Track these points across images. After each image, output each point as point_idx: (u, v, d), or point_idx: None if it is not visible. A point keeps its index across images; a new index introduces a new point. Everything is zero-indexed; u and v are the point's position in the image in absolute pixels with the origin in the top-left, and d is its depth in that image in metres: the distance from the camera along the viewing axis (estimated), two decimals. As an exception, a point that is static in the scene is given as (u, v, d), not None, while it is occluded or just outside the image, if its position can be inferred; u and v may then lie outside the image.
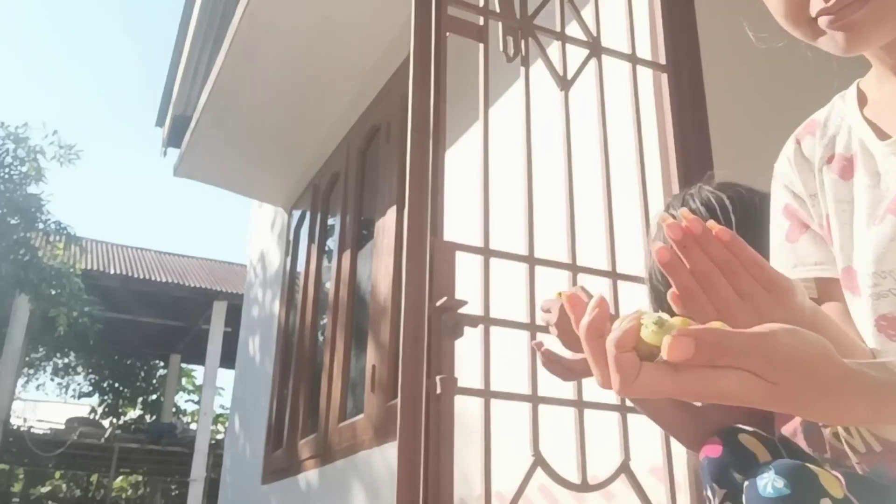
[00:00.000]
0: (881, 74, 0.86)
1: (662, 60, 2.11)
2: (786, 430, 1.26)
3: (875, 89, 0.88)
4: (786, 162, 0.96)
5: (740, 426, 1.26)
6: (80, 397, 15.66)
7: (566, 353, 1.43)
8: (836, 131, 0.90)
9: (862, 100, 0.89)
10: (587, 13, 2.09)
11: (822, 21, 0.77)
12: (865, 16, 0.75)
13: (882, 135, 0.84)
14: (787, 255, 0.92)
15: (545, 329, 1.71)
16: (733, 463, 1.21)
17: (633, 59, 2.06)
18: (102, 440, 11.63)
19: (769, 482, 0.91)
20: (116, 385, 15.30)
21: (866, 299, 0.80)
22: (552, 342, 1.74)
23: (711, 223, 0.66)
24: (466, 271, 1.69)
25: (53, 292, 9.14)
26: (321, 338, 4.51)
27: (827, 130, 0.92)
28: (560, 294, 1.14)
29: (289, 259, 5.19)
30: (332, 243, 4.59)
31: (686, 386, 0.53)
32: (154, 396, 15.40)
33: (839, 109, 0.92)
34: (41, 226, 9.51)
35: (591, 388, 1.70)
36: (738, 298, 0.67)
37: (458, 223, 1.84)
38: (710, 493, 1.23)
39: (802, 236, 0.92)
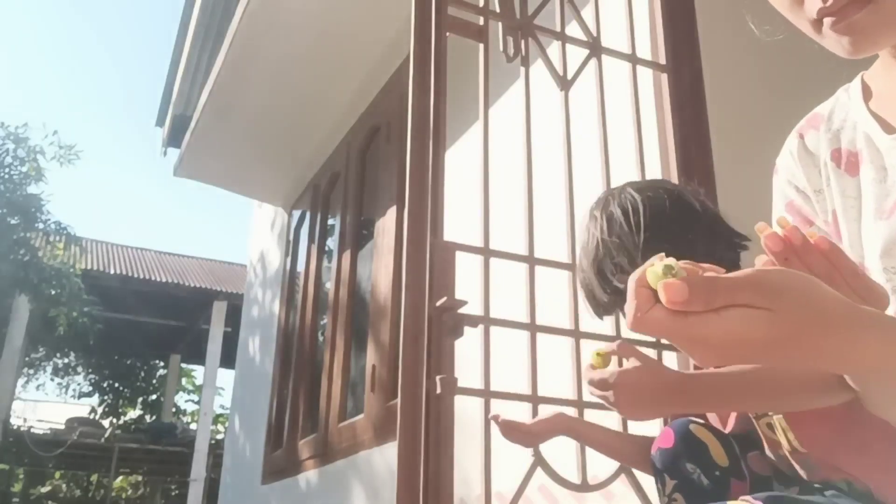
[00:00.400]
0: (887, 66, 0.84)
1: (662, 60, 2.11)
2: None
3: (880, 81, 0.86)
4: (788, 156, 0.94)
5: (692, 417, 1.27)
6: (80, 397, 15.66)
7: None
8: (841, 125, 0.89)
9: (867, 93, 0.87)
10: (587, 13, 2.09)
11: (826, 23, 0.74)
12: (868, 16, 0.72)
13: (888, 128, 0.82)
14: None
15: (545, 329, 1.72)
16: (685, 453, 1.22)
17: (633, 59, 2.06)
18: (102, 440, 11.62)
19: None
20: (116, 385, 15.29)
21: None
22: (551, 346, 1.74)
23: (811, 232, 0.65)
24: (466, 271, 1.69)
25: (53, 292, 9.15)
26: (321, 338, 4.51)
27: (832, 124, 0.90)
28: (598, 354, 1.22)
29: (289, 259, 5.19)
30: (332, 243, 4.59)
31: (691, 328, 0.53)
32: (154, 396, 15.40)
33: (843, 103, 0.90)
34: (41, 226, 9.52)
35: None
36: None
37: (458, 223, 1.84)
38: (660, 484, 1.24)
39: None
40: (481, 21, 1.91)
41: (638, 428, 1.58)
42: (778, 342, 0.54)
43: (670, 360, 1.79)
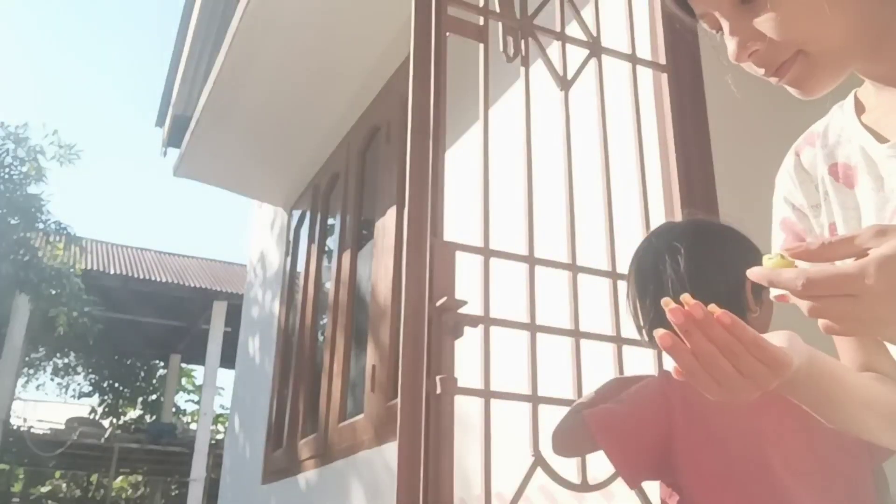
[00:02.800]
0: (875, 85, 0.88)
1: (662, 60, 2.11)
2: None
3: (872, 97, 0.89)
4: (786, 175, 0.97)
5: None
6: (80, 397, 15.66)
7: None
8: (837, 140, 0.92)
9: (860, 108, 0.90)
10: (587, 13, 2.09)
11: (771, 79, 0.82)
12: (801, 71, 0.79)
13: (882, 139, 0.85)
14: None
15: (545, 329, 1.72)
16: None
17: (633, 59, 2.06)
18: (102, 440, 11.63)
19: None
20: (116, 385, 15.29)
21: None
22: (551, 346, 1.74)
23: (713, 307, 0.69)
24: (466, 271, 1.69)
25: (53, 292, 9.15)
26: (321, 338, 4.51)
27: (827, 140, 0.93)
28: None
29: (289, 259, 5.19)
30: (332, 243, 4.59)
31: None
32: (154, 396, 15.40)
33: (838, 119, 0.93)
34: (41, 226, 9.52)
35: (592, 388, 1.70)
36: (739, 375, 0.70)
37: (458, 223, 1.84)
38: None
39: None
40: (481, 21, 1.91)
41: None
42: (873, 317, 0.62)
43: (670, 363, 1.79)
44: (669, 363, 1.84)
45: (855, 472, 1.20)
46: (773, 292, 0.80)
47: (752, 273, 0.68)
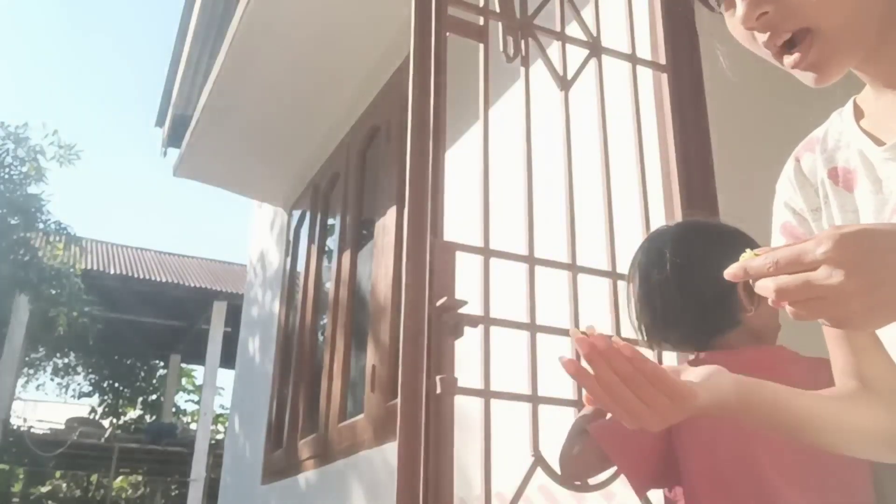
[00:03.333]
0: (874, 89, 0.89)
1: (662, 60, 2.11)
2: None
3: (871, 103, 0.90)
4: (786, 180, 0.98)
5: None
6: (80, 397, 15.65)
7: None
8: (836, 145, 0.93)
9: (858, 114, 0.91)
10: (587, 13, 2.09)
11: (786, 62, 0.81)
12: (819, 53, 0.79)
13: (880, 143, 0.86)
14: None
15: (545, 329, 1.72)
16: None
17: (633, 59, 2.06)
18: (102, 440, 11.63)
19: None
20: (116, 385, 15.29)
21: None
22: (551, 346, 1.74)
23: (616, 339, 0.74)
24: (466, 271, 1.69)
25: (53, 292, 9.15)
26: (321, 338, 4.50)
27: (826, 145, 0.94)
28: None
29: (289, 259, 5.19)
30: (332, 243, 4.59)
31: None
32: (154, 396, 15.40)
33: (837, 125, 0.94)
34: (41, 226, 9.52)
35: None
36: (643, 405, 0.73)
37: (458, 223, 1.83)
38: None
39: None
40: (481, 21, 1.91)
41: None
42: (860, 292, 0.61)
43: (670, 363, 1.79)
44: (669, 363, 1.85)
45: (851, 473, 1.21)
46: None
47: (727, 272, 0.69)
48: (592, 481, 1.64)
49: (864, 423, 0.86)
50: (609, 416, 1.32)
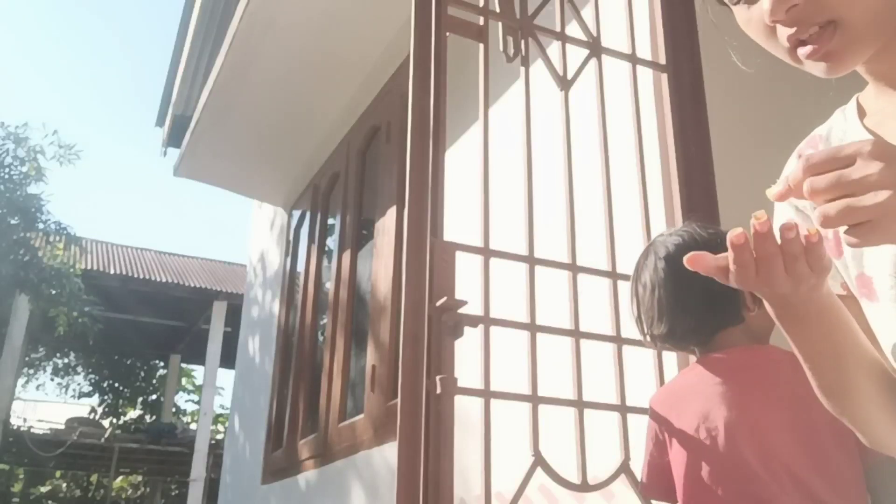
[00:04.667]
0: (877, 88, 0.88)
1: (662, 60, 2.11)
2: None
3: (874, 101, 0.90)
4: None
5: None
6: (80, 397, 15.66)
7: None
8: (839, 143, 0.92)
9: (861, 113, 0.91)
10: (587, 13, 2.09)
11: (800, 52, 0.81)
12: (840, 43, 0.79)
13: None
14: None
15: (545, 329, 1.72)
16: None
17: (633, 59, 2.06)
18: (102, 440, 11.63)
19: None
20: (116, 385, 15.29)
21: (886, 302, 0.81)
22: (551, 346, 1.74)
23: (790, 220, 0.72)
24: (466, 271, 1.69)
25: (53, 292, 9.14)
26: (321, 338, 4.50)
27: (829, 143, 0.93)
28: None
29: (289, 259, 5.19)
30: (332, 243, 4.59)
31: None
32: (154, 396, 15.40)
33: (840, 123, 0.94)
34: (41, 226, 9.51)
35: (592, 389, 1.70)
36: (786, 276, 0.72)
37: (458, 223, 1.84)
38: None
39: None
40: (481, 21, 1.91)
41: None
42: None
43: (670, 363, 1.79)
44: (669, 365, 1.85)
45: (844, 468, 1.22)
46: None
47: (772, 194, 0.70)
48: (592, 481, 1.64)
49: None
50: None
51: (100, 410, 14.97)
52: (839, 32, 0.78)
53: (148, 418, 14.72)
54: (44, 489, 14.47)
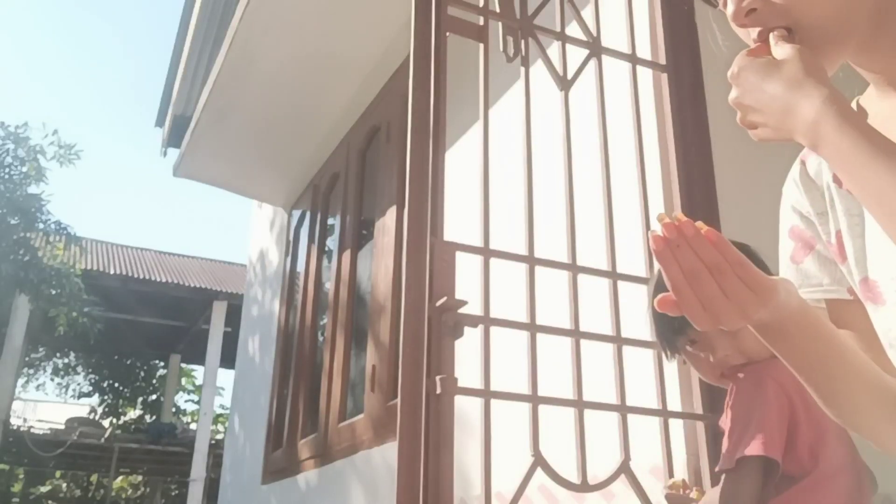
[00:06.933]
0: (878, 90, 0.88)
1: (662, 60, 2.11)
2: None
3: (875, 103, 0.89)
4: (792, 183, 0.98)
5: None
6: (80, 397, 15.67)
7: None
8: None
9: (862, 115, 0.89)
10: (587, 13, 2.09)
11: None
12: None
13: None
14: (792, 275, 0.93)
15: (545, 329, 1.72)
16: None
17: (633, 59, 2.06)
18: (102, 440, 11.63)
19: None
20: (116, 385, 15.29)
21: (892, 306, 0.80)
22: (551, 346, 1.74)
23: (701, 224, 0.71)
24: (466, 271, 1.69)
25: (53, 292, 9.13)
26: (321, 338, 4.50)
27: None
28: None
29: (289, 259, 5.19)
30: (332, 243, 4.59)
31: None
32: (154, 396, 15.40)
33: None
34: (41, 226, 9.50)
35: (592, 388, 1.70)
36: (724, 296, 0.71)
37: (458, 223, 1.83)
38: None
39: (807, 257, 0.93)
40: (481, 21, 1.91)
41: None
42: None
43: (671, 367, 1.79)
44: (669, 365, 1.85)
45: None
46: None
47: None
48: (592, 481, 1.64)
49: (886, 382, 0.85)
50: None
51: (100, 410, 14.98)
52: (798, 38, 0.79)
53: (148, 418, 14.71)
54: (44, 489, 14.47)
